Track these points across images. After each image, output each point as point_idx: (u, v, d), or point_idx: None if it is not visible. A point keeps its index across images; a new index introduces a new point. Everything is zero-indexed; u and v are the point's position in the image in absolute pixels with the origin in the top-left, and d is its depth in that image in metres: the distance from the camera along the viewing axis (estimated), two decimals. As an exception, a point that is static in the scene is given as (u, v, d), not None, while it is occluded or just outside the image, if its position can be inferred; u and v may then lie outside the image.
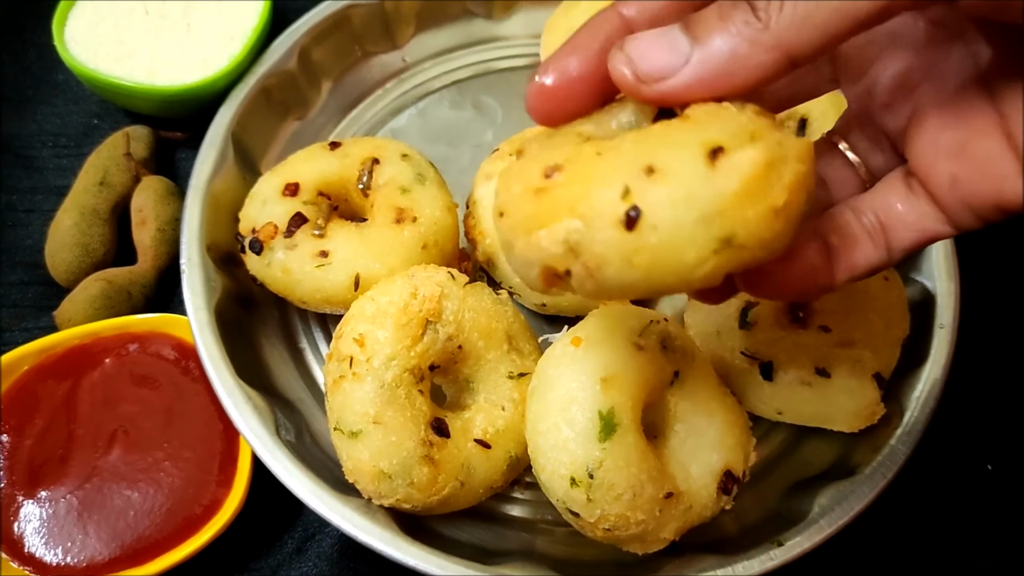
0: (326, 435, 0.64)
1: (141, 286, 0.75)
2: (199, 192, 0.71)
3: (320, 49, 0.83)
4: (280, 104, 0.81)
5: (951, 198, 0.41)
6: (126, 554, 0.61)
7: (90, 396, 0.67)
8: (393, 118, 0.86)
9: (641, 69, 0.38)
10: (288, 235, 0.66)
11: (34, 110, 0.87)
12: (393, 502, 0.58)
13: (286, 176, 0.69)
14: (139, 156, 0.80)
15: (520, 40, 0.90)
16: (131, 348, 0.69)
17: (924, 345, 0.67)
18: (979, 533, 0.70)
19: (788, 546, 0.59)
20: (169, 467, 0.64)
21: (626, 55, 0.38)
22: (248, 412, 0.62)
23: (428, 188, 0.70)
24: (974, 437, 0.74)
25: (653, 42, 0.38)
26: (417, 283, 0.60)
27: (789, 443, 0.69)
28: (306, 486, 0.59)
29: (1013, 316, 0.78)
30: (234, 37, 0.81)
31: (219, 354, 0.64)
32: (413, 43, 0.89)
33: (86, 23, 0.81)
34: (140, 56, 0.80)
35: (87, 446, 0.65)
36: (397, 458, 0.57)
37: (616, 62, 0.39)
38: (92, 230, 0.76)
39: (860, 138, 0.48)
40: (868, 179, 0.47)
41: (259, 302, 0.73)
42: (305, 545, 0.67)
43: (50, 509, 0.63)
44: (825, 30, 0.35)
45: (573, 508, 0.56)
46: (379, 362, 0.58)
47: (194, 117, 0.81)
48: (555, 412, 0.56)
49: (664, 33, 0.38)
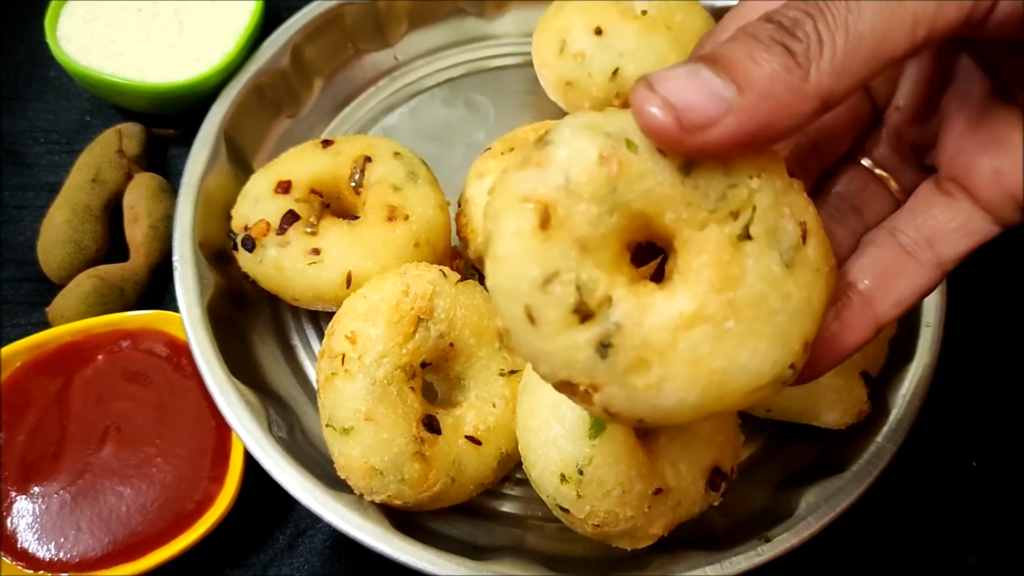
0: (318, 432, 0.65)
1: (133, 283, 0.75)
2: (191, 189, 0.71)
3: (312, 47, 0.83)
4: (272, 102, 0.81)
5: (995, 193, 0.40)
6: (118, 550, 0.62)
7: (83, 392, 0.67)
8: (385, 116, 0.86)
9: (687, 117, 0.33)
10: (280, 232, 0.66)
11: (26, 107, 0.87)
12: (384, 498, 0.58)
13: (278, 174, 0.70)
14: (131, 153, 0.80)
15: (512, 39, 0.90)
16: (123, 345, 0.69)
17: (911, 344, 0.68)
18: (965, 529, 0.71)
19: (775, 542, 0.59)
20: (161, 463, 0.64)
21: (661, 97, 0.33)
22: (240, 409, 0.62)
23: (420, 186, 0.70)
24: (960, 434, 0.74)
25: (687, 83, 0.33)
26: (409, 281, 0.61)
27: (777, 440, 0.70)
28: (298, 482, 0.59)
29: (998, 315, 0.79)
30: (226, 35, 0.81)
31: (211, 351, 0.64)
32: (405, 41, 0.89)
33: (79, 20, 0.81)
34: (132, 53, 0.80)
35: (80, 442, 0.65)
36: (388, 454, 0.57)
37: (648, 104, 0.34)
38: (84, 227, 0.76)
39: (884, 154, 0.46)
40: (899, 194, 0.46)
41: (251, 299, 0.73)
42: (297, 541, 0.68)
43: (43, 505, 0.63)
44: (861, 75, 0.33)
45: (563, 504, 0.56)
46: (371, 359, 0.58)
47: (186, 114, 0.82)
48: (545, 409, 0.57)
49: (694, 73, 0.33)
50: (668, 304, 0.37)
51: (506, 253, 0.37)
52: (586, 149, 0.36)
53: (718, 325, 0.37)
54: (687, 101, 0.33)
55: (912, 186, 0.45)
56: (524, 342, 0.38)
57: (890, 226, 0.44)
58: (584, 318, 0.36)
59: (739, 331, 0.37)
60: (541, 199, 0.36)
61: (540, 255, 0.36)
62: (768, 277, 0.37)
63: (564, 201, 0.36)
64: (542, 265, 0.36)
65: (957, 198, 0.42)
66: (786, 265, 0.38)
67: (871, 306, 0.42)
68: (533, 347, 0.37)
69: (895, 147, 0.46)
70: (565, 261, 0.36)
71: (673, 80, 0.33)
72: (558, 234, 0.36)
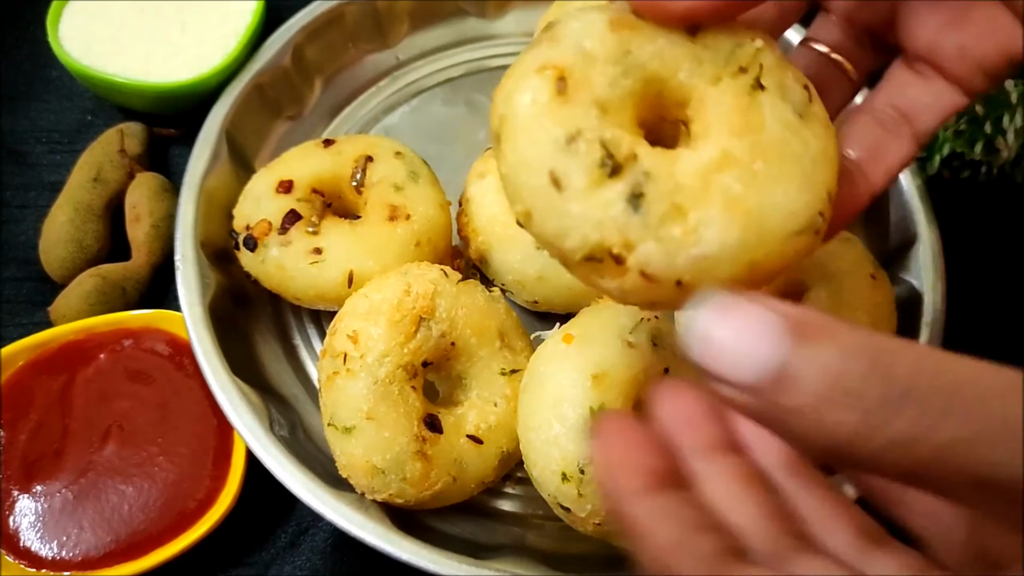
0: (320, 431, 0.65)
1: (135, 282, 0.75)
2: (193, 189, 0.71)
3: (313, 47, 0.83)
4: (274, 102, 0.82)
5: (962, 67, 0.42)
6: (120, 548, 0.62)
7: (85, 391, 0.67)
8: (386, 116, 0.86)
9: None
10: (282, 232, 0.67)
11: (28, 107, 0.87)
12: (386, 497, 0.58)
13: (280, 173, 0.70)
14: (133, 153, 0.80)
15: (513, 38, 0.90)
16: (125, 344, 0.69)
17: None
18: (964, 528, 0.71)
19: (776, 540, 0.59)
20: (163, 462, 0.65)
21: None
22: (242, 408, 0.62)
23: (421, 186, 0.70)
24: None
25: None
26: (410, 280, 0.61)
27: (777, 439, 0.70)
28: (300, 481, 0.59)
29: (998, 315, 0.79)
30: (228, 35, 0.81)
31: (213, 350, 0.64)
32: (406, 41, 0.89)
33: (80, 20, 0.82)
34: (134, 53, 0.81)
35: (82, 441, 0.65)
36: (390, 453, 0.58)
37: None
38: (86, 226, 0.76)
39: (839, 39, 0.48)
40: (856, 77, 0.48)
41: (253, 299, 0.73)
42: (299, 539, 0.68)
43: (45, 504, 0.63)
44: None
45: (564, 503, 0.56)
46: (373, 359, 0.58)
47: (188, 114, 0.82)
48: (547, 408, 0.57)
49: None
50: (695, 154, 0.37)
51: (524, 124, 0.36)
52: (596, 18, 0.37)
53: (747, 167, 0.36)
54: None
55: (869, 69, 0.47)
56: (550, 213, 0.36)
57: (867, 106, 0.45)
58: (613, 171, 0.35)
59: (768, 172, 0.36)
60: (556, 64, 0.36)
61: (561, 116, 0.36)
62: (786, 123, 0.38)
63: (580, 64, 0.36)
64: (564, 125, 0.36)
65: (927, 75, 0.44)
66: (799, 116, 0.38)
67: (865, 176, 0.44)
68: (560, 214, 0.36)
69: (847, 32, 0.47)
70: (587, 120, 0.36)
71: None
72: (576, 96, 0.36)
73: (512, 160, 0.37)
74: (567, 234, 0.36)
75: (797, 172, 0.37)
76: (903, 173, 0.75)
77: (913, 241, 0.73)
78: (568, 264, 0.38)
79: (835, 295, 0.65)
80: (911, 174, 0.75)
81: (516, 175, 0.37)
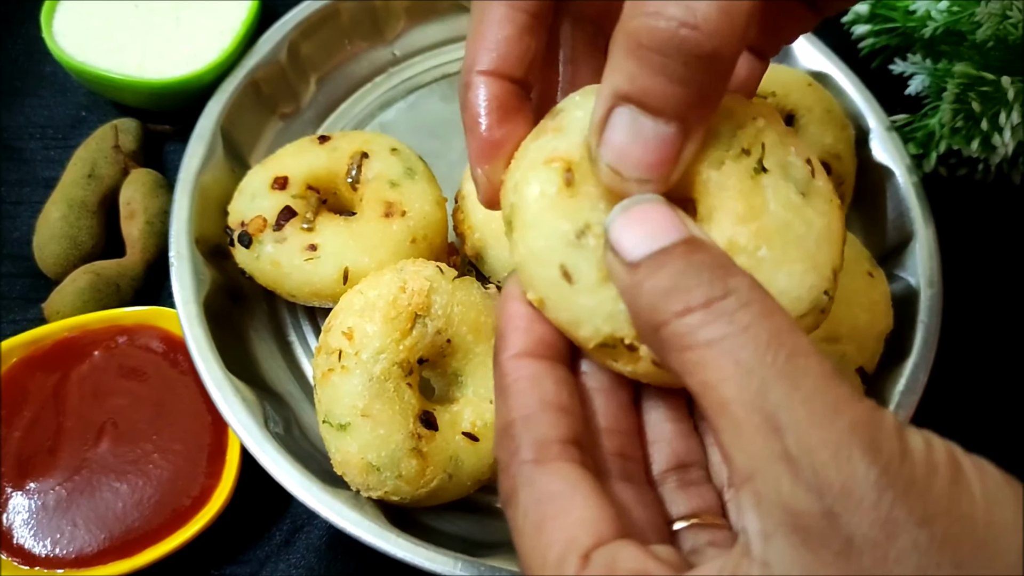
0: (314, 428, 0.65)
1: (129, 279, 0.75)
2: (188, 185, 0.71)
3: (309, 43, 0.83)
4: (269, 98, 0.81)
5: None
6: (115, 546, 0.62)
7: (79, 388, 0.67)
8: (382, 112, 0.86)
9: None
10: (277, 228, 0.66)
11: (22, 102, 0.87)
12: (381, 494, 0.58)
13: (275, 170, 0.70)
14: (127, 149, 0.80)
15: (509, 35, 0.90)
16: (120, 341, 0.69)
17: (907, 341, 0.68)
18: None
19: (772, 538, 0.59)
20: (158, 459, 0.64)
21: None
22: (237, 405, 0.62)
23: (417, 182, 0.70)
24: (954, 431, 0.74)
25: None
26: (406, 277, 0.61)
27: (774, 437, 0.70)
28: (294, 478, 0.59)
29: (994, 313, 0.79)
30: (223, 31, 0.81)
31: (208, 347, 0.64)
32: (403, 38, 0.89)
33: (75, 15, 0.81)
34: (129, 49, 0.80)
35: (76, 438, 0.65)
36: (385, 451, 0.57)
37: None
38: (80, 223, 0.76)
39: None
40: None
41: (248, 295, 0.73)
42: (293, 537, 0.68)
43: (39, 501, 0.63)
44: None
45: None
46: (368, 355, 0.58)
47: (183, 110, 0.81)
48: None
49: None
50: None
51: (534, 216, 0.37)
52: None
53: (752, 254, 0.37)
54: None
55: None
56: (563, 304, 0.38)
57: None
58: None
59: (772, 257, 0.37)
60: (563, 157, 0.37)
61: (569, 210, 0.37)
62: (789, 204, 0.38)
63: (586, 156, 0.37)
64: (572, 220, 0.37)
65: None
66: (802, 195, 0.39)
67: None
68: (573, 306, 0.37)
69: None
70: (594, 214, 0.37)
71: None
72: (583, 189, 0.37)
73: (524, 252, 0.38)
74: (580, 325, 0.38)
75: (801, 254, 0.38)
76: (900, 170, 0.75)
77: (910, 238, 0.73)
78: (583, 348, 0.39)
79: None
80: (908, 171, 0.75)
81: (528, 266, 0.38)
